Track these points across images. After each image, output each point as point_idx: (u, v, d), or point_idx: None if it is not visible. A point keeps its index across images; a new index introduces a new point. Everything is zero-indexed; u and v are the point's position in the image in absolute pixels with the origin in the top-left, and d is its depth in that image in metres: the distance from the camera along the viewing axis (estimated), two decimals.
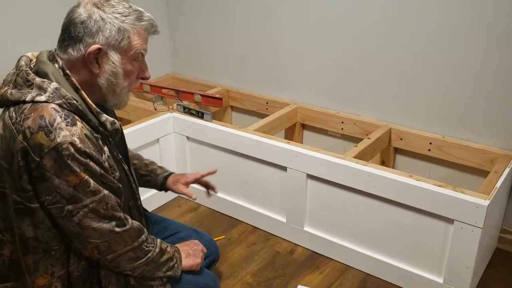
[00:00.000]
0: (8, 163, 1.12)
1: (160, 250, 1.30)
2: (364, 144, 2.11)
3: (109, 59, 1.18)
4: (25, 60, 1.21)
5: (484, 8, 1.94)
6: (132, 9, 1.21)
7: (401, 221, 1.86)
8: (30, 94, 1.12)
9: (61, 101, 1.12)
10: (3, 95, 1.16)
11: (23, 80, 1.15)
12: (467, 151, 2.12)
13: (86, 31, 1.15)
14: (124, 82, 1.23)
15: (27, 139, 1.08)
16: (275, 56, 2.63)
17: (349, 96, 2.43)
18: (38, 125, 1.07)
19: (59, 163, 1.07)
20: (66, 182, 1.09)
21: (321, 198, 2.06)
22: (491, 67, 2.00)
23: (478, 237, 1.68)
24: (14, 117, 1.12)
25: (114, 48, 1.18)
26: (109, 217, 1.16)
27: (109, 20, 1.16)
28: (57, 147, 1.07)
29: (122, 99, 1.27)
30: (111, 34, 1.16)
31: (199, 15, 2.86)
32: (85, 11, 1.16)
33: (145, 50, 1.25)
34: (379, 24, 2.22)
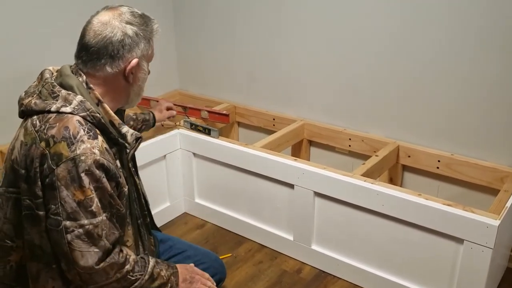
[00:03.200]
0: (26, 169, 1.14)
1: (150, 277, 1.26)
2: (372, 162, 2.10)
3: (141, 68, 1.29)
4: (49, 73, 1.25)
5: (492, 23, 1.93)
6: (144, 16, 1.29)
7: (410, 240, 1.83)
8: (55, 104, 1.16)
9: (85, 114, 1.17)
10: (27, 105, 1.20)
11: (49, 92, 1.19)
12: (476, 169, 2.10)
13: (125, 48, 1.23)
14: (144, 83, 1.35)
15: (49, 147, 1.11)
16: (282, 72, 2.63)
17: (356, 112, 2.43)
18: (62, 135, 1.11)
19: (72, 174, 1.10)
20: (73, 195, 1.10)
21: (329, 216, 2.04)
22: (500, 84, 1.99)
23: (489, 257, 1.65)
24: (38, 125, 1.15)
25: (145, 57, 1.29)
26: (100, 245, 1.15)
27: (141, 33, 1.25)
28: (75, 158, 1.10)
29: (139, 97, 1.37)
30: (144, 46, 1.26)
31: (206, 32, 2.87)
32: (119, 30, 1.22)
33: None
34: (386, 41, 2.22)
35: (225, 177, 2.34)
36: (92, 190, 1.11)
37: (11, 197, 1.20)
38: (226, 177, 2.34)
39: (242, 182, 2.28)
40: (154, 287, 1.29)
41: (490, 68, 1.99)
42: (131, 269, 1.22)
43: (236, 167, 2.27)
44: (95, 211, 1.13)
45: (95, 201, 1.13)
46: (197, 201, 2.52)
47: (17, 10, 2.24)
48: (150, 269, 1.27)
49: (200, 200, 2.52)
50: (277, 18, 2.54)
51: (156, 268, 1.30)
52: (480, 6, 1.94)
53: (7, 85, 2.22)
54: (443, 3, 2.02)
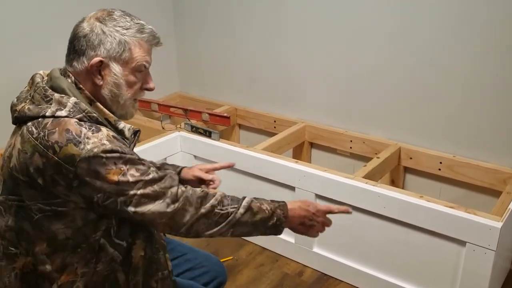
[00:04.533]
0: (28, 177, 1.13)
1: (247, 210, 1.24)
2: (373, 164, 2.09)
3: (111, 71, 1.21)
4: (40, 77, 1.24)
5: (495, 26, 1.93)
6: (133, 22, 1.23)
7: (412, 242, 1.82)
8: (50, 109, 1.15)
9: (82, 115, 1.15)
10: (21, 111, 1.18)
11: (41, 96, 1.17)
12: (478, 171, 2.09)
13: (88, 44, 1.19)
14: (128, 93, 1.25)
15: (57, 153, 1.10)
16: (283, 75, 2.63)
17: (357, 114, 2.42)
18: (66, 139, 1.10)
19: (93, 167, 1.10)
20: (106, 181, 1.11)
21: (330, 218, 2.02)
22: (502, 85, 1.98)
23: (491, 260, 1.64)
24: (35, 132, 1.13)
25: (116, 60, 1.21)
26: (162, 195, 1.16)
27: (110, 33, 1.19)
28: (88, 154, 1.09)
29: (128, 110, 1.29)
30: (112, 46, 1.19)
31: (207, 34, 2.87)
32: (88, 25, 1.20)
33: (147, 62, 1.27)
34: (387, 42, 2.21)
35: (226, 179, 2.32)
36: (121, 168, 1.12)
37: (13, 205, 1.19)
38: (227, 179, 2.32)
39: (243, 184, 2.27)
40: (256, 220, 1.25)
41: (492, 70, 1.98)
42: (216, 203, 1.21)
43: (237, 170, 2.26)
44: (135, 180, 1.13)
45: (130, 173, 1.13)
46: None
47: (12, 12, 2.24)
48: (245, 203, 1.25)
49: None
50: (277, 20, 2.53)
51: (254, 202, 1.27)
52: (482, 7, 1.93)
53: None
54: (444, 4, 2.02)
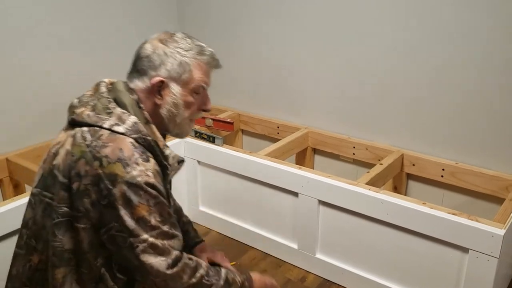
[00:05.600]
0: (69, 179, 1.15)
1: (225, 282, 1.29)
2: (376, 170, 2.10)
3: (171, 91, 1.25)
4: (105, 87, 1.28)
5: (498, 34, 1.94)
6: (194, 44, 1.27)
7: (415, 249, 1.83)
8: (109, 121, 1.18)
9: (137, 136, 1.18)
10: (79, 115, 1.21)
11: (104, 107, 1.21)
12: (481, 178, 2.09)
13: (150, 65, 1.23)
14: (185, 113, 1.29)
15: (103, 167, 1.12)
16: (286, 80, 2.64)
17: (361, 121, 2.43)
18: (117, 157, 1.12)
19: (129, 194, 1.11)
20: (131, 214, 1.12)
21: (333, 225, 2.04)
22: (505, 92, 1.99)
23: (494, 267, 1.64)
24: (89, 139, 1.16)
25: (176, 80, 1.25)
26: (167, 253, 1.17)
27: (171, 54, 1.23)
28: (131, 180, 1.11)
29: (184, 129, 1.33)
30: (173, 67, 1.23)
31: (210, 39, 2.87)
32: (151, 47, 1.24)
33: (206, 83, 1.31)
34: (391, 50, 2.22)
35: (229, 185, 2.35)
36: (150, 206, 1.14)
37: (43, 201, 1.21)
38: (230, 185, 2.34)
39: (246, 190, 2.28)
40: None
41: (495, 77, 1.99)
42: (205, 273, 1.24)
43: (240, 175, 2.27)
44: (155, 225, 1.15)
45: (154, 215, 1.15)
46: (201, 209, 2.53)
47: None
48: (224, 275, 1.29)
49: (204, 208, 2.52)
50: (282, 26, 2.55)
51: (229, 274, 1.32)
52: (486, 17, 1.95)
53: None
54: (448, 13, 2.03)
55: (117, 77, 1.35)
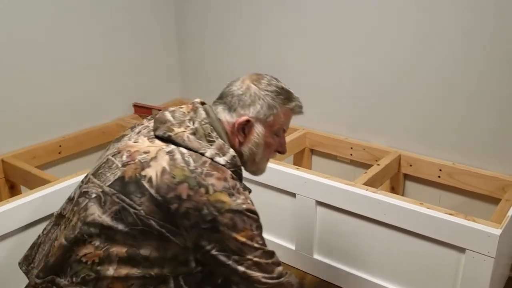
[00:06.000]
0: (162, 197, 1.16)
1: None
2: (373, 171, 2.10)
3: (255, 131, 1.31)
4: (204, 112, 1.32)
5: (496, 34, 1.94)
6: (284, 89, 1.36)
7: (412, 249, 1.83)
8: (210, 150, 1.23)
9: (235, 170, 1.25)
10: (179, 135, 1.24)
11: (205, 134, 1.26)
12: (477, 178, 2.10)
13: (240, 103, 1.31)
14: (264, 153, 1.36)
15: (209, 195, 1.16)
16: (284, 81, 2.63)
17: (358, 121, 2.43)
18: (222, 186, 1.18)
19: (234, 221, 1.18)
20: (236, 239, 1.18)
21: (331, 226, 2.04)
22: (503, 93, 1.99)
23: (490, 267, 1.65)
24: (192, 164, 1.19)
25: (261, 121, 1.31)
26: (270, 270, 1.24)
27: (262, 96, 1.31)
28: (237, 207, 1.18)
29: (260, 167, 1.41)
30: (262, 109, 1.31)
31: (208, 39, 2.88)
32: (243, 85, 1.33)
33: (287, 127, 1.39)
34: (388, 50, 2.23)
35: None
36: (253, 231, 1.21)
37: (118, 203, 1.20)
38: None
39: None
40: None
41: (491, 78, 2.00)
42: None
43: None
44: (258, 247, 1.22)
45: (258, 238, 1.22)
46: None
47: None
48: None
49: None
50: (280, 26, 2.55)
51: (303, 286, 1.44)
52: (486, 18, 1.95)
53: None
54: (446, 13, 2.03)
55: (114, 77, 1.35)
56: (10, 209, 1.75)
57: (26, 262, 1.36)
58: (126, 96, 2.81)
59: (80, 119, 2.58)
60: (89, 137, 2.60)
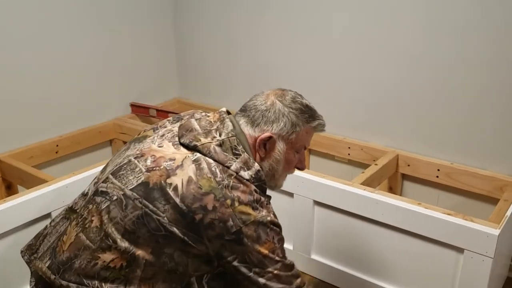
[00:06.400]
0: (187, 207, 1.15)
1: None
2: (371, 171, 2.10)
3: (276, 147, 1.30)
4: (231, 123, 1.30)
5: (496, 35, 1.94)
6: (308, 107, 1.33)
7: (410, 249, 1.83)
8: (235, 164, 1.22)
9: (259, 184, 1.25)
10: (205, 146, 1.24)
11: (232, 147, 1.25)
12: (475, 178, 2.09)
13: (264, 119, 1.28)
14: (283, 169, 1.35)
15: (234, 207, 1.17)
16: (281, 82, 2.63)
17: (356, 121, 2.43)
18: (247, 199, 1.19)
19: (258, 233, 1.19)
20: (259, 251, 1.19)
21: (329, 225, 2.03)
22: (501, 93, 1.99)
23: (489, 267, 1.64)
24: (219, 176, 1.19)
25: (283, 138, 1.30)
26: (289, 283, 1.25)
27: (287, 113, 1.29)
28: (261, 220, 1.19)
29: (278, 183, 1.39)
30: (285, 126, 1.29)
31: (207, 40, 2.88)
32: (268, 101, 1.30)
33: (308, 144, 1.38)
34: (387, 50, 2.23)
35: None
36: (275, 243, 1.22)
37: (141, 208, 1.18)
38: None
39: None
40: None
41: (490, 78, 2.00)
42: None
43: None
44: (279, 259, 1.23)
45: (279, 251, 1.23)
46: None
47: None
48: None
49: None
50: (279, 26, 2.55)
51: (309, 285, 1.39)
52: (487, 20, 1.95)
53: None
54: (445, 15, 2.03)
55: (113, 76, 1.34)
56: (6, 209, 1.74)
57: (29, 251, 1.34)
58: (124, 96, 2.80)
59: (77, 119, 2.57)
60: (86, 136, 2.59)
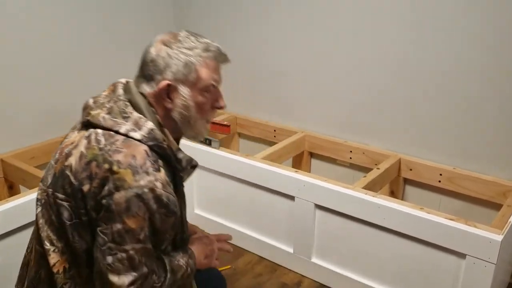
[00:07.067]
0: (79, 182, 1.13)
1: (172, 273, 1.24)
2: (373, 175, 2.09)
3: (179, 94, 1.22)
4: (122, 88, 1.25)
5: (498, 40, 1.93)
6: (198, 41, 1.24)
7: (412, 254, 1.82)
8: (125, 126, 1.16)
9: (153, 144, 1.16)
10: (95, 117, 1.19)
11: (120, 110, 1.19)
12: (478, 183, 2.08)
13: (155, 69, 1.20)
14: (197, 114, 1.26)
15: (112, 171, 1.11)
16: (283, 84, 2.63)
17: (358, 125, 2.42)
18: (128, 163, 1.11)
19: (129, 203, 1.09)
20: (124, 222, 1.10)
21: (330, 229, 2.02)
22: (504, 99, 1.98)
23: (491, 273, 1.63)
24: (103, 142, 1.15)
25: (183, 82, 1.21)
26: (139, 270, 1.14)
27: (175, 55, 1.20)
28: (137, 189, 1.09)
29: (199, 131, 1.29)
30: (178, 69, 1.20)
31: None
32: (154, 50, 1.21)
33: (215, 80, 1.27)
34: (389, 54, 2.22)
35: (225, 188, 2.33)
36: (145, 220, 1.11)
37: (57, 202, 1.18)
38: (226, 188, 2.33)
39: (242, 193, 2.26)
40: (179, 279, 1.27)
41: (493, 83, 1.99)
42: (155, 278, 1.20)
43: (236, 178, 2.26)
44: (142, 239, 1.12)
45: (146, 230, 1.12)
46: (196, 212, 2.51)
47: None
48: (168, 266, 1.24)
49: (199, 211, 2.50)
50: (280, 29, 2.54)
51: (172, 262, 1.26)
52: (488, 23, 1.94)
53: None
54: (449, 19, 2.03)
55: (113, 76, 1.33)
56: (9, 209, 1.74)
57: (20, 283, 1.32)
58: None
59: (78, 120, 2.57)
60: None
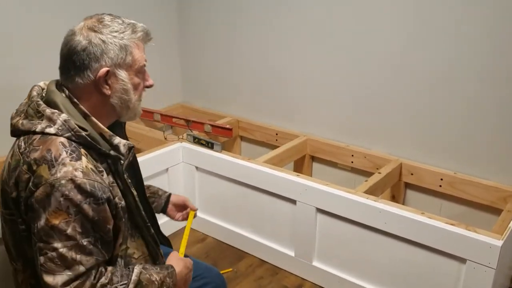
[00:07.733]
0: (11, 191, 1.13)
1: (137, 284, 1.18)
2: (374, 179, 2.09)
3: (118, 78, 1.20)
4: (37, 90, 1.22)
5: (499, 45, 1.94)
6: (125, 23, 1.22)
7: (412, 259, 1.82)
8: (40, 125, 1.13)
9: (70, 134, 1.13)
10: (15, 125, 1.18)
11: (34, 111, 1.16)
12: (479, 188, 2.09)
13: (90, 57, 1.16)
14: (135, 95, 1.25)
15: (32, 171, 1.09)
16: (285, 88, 2.64)
17: (359, 129, 2.43)
18: (43, 158, 1.08)
19: (49, 198, 1.06)
20: (47, 219, 1.06)
21: (331, 233, 2.03)
22: (505, 103, 1.99)
23: (491, 278, 1.64)
24: (23, 146, 1.14)
25: (120, 66, 1.19)
26: (74, 269, 1.09)
27: (110, 40, 1.17)
28: (54, 182, 1.06)
29: (136, 111, 1.28)
30: (115, 53, 1.17)
31: (211, 45, 2.89)
32: (84, 38, 1.17)
33: (146, 60, 1.27)
34: (391, 58, 2.23)
35: (227, 191, 2.34)
36: (70, 214, 1.06)
37: (7, 219, 1.19)
38: (228, 191, 2.33)
39: (244, 196, 2.27)
40: None
41: (495, 89, 1.99)
42: (107, 281, 1.14)
43: (238, 182, 2.26)
44: (71, 235, 1.07)
45: (72, 225, 1.07)
46: (198, 214, 2.51)
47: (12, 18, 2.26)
48: (135, 277, 1.18)
49: (201, 214, 2.51)
50: (282, 34, 2.55)
51: (143, 274, 1.20)
52: (489, 27, 1.95)
53: None
54: (450, 23, 2.03)
55: None
56: None
57: None
58: None
59: None
60: None
